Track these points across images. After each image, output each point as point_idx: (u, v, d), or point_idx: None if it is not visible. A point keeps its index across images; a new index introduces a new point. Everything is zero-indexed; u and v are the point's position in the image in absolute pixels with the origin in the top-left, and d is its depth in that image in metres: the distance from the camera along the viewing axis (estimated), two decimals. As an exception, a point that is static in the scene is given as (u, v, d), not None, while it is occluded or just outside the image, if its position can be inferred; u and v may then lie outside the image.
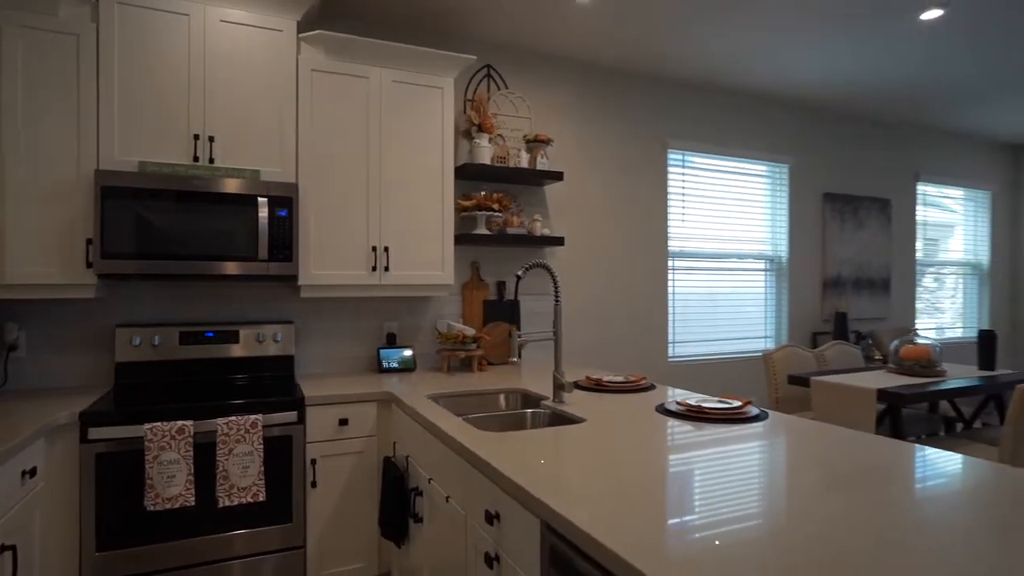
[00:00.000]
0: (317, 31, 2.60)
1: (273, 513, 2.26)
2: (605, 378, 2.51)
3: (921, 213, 5.29)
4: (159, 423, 2.06)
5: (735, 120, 4.27)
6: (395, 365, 2.96)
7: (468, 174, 3.09)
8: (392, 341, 3.04)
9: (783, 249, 4.53)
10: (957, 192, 5.57)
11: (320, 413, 2.35)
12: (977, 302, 5.73)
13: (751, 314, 4.42)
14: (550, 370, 2.98)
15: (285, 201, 2.48)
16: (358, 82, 2.70)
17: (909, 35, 3.27)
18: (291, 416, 2.28)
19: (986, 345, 3.34)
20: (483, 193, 3.13)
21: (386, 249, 2.74)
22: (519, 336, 2.13)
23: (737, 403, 2.00)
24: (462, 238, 3.05)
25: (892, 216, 5.06)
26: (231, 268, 2.39)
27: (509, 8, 2.94)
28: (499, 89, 3.37)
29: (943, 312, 5.50)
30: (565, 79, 3.59)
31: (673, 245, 4.03)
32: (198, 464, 2.14)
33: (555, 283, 2.18)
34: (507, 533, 1.33)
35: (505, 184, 3.37)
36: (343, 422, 2.38)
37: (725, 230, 4.28)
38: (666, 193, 3.97)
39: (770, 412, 1.97)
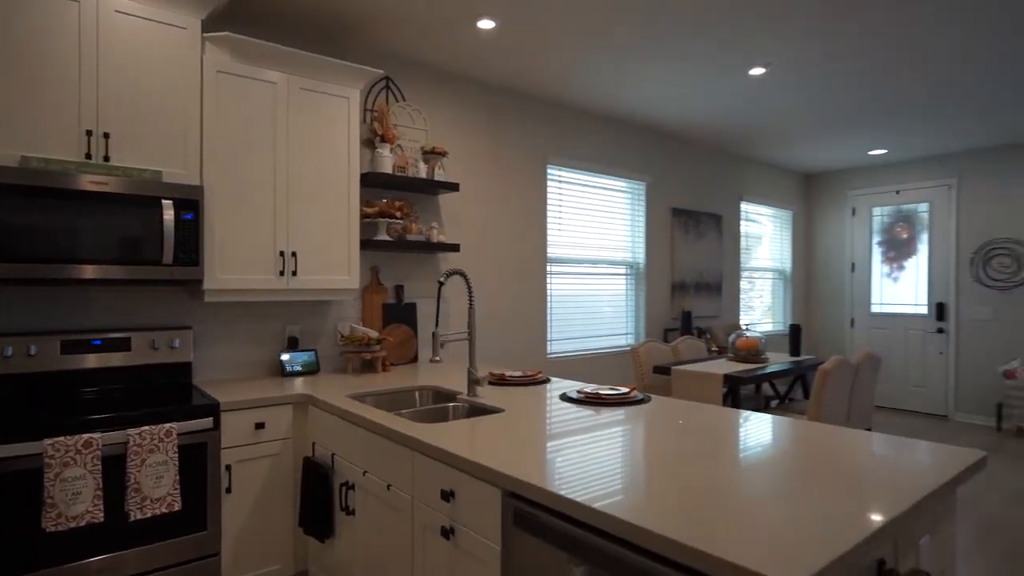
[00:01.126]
0: (224, 33, 2.57)
1: (187, 522, 2.22)
2: (507, 373, 2.79)
3: (743, 227, 6.30)
4: (62, 438, 1.95)
5: (605, 141, 4.81)
6: (299, 368, 2.98)
7: (370, 182, 3.20)
8: (294, 345, 3.06)
9: (640, 256, 5.17)
10: (769, 210, 6.71)
11: (236, 418, 2.35)
12: (782, 301, 6.95)
13: (616, 313, 5.00)
14: (452, 368, 3.20)
15: (191, 204, 2.43)
16: (265, 87, 2.71)
17: (741, 85, 3.99)
18: (206, 423, 2.26)
19: (795, 336, 4.18)
20: (385, 201, 3.26)
21: (294, 254, 2.77)
22: (441, 336, 2.33)
23: (625, 389, 2.39)
24: (363, 243, 3.15)
25: (723, 229, 5.98)
26: (129, 272, 2.29)
27: (414, 27, 3.11)
28: (397, 101, 3.51)
29: (754, 309, 6.60)
30: (460, 95, 3.82)
31: (551, 252, 4.45)
32: (106, 478, 2.05)
33: (469, 288, 2.41)
34: (464, 506, 1.55)
35: (403, 192, 3.52)
36: (259, 426, 2.40)
37: (594, 239, 4.80)
38: (545, 205, 4.37)
39: (652, 396, 2.39)
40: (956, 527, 1.49)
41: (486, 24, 3.07)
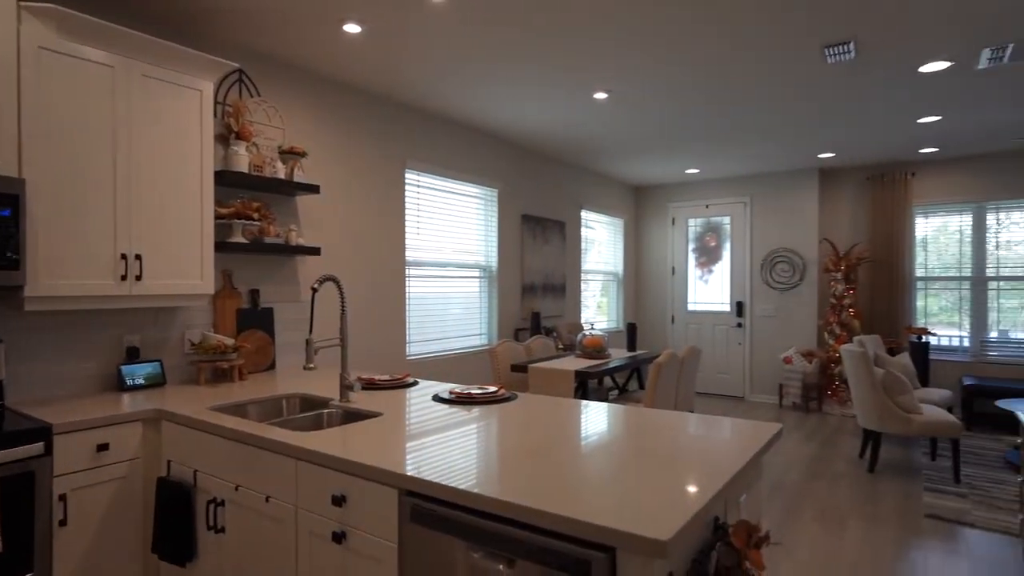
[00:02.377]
0: (47, 4, 2.27)
1: (8, 566, 1.95)
2: (377, 377, 2.82)
3: (583, 233, 6.88)
4: None
5: (462, 149, 4.97)
6: (141, 381, 2.72)
7: (225, 181, 3.02)
8: (135, 355, 2.78)
9: (493, 260, 5.43)
10: (605, 218, 7.39)
11: (72, 441, 2.10)
12: (615, 301, 7.69)
13: (470, 315, 5.19)
14: (313, 374, 3.13)
15: (9, 199, 2.12)
16: (101, 71, 2.44)
17: (587, 106, 4.40)
18: (33, 449, 2.00)
19: (631, 333, 4.70)
20: (241, 201, 3.09)
21: (138, 257, 2.53)
22: (314, 342, 2.31)
23: (494, 389, 2.57)
24: (217, 246, 2.96)
25: (566, 235, 6.48)
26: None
27: (273, 23, 2.99)
28: (251, 96, 3.33)
29: (588, 307, 7.24)
30: (320, 95, 3.72)
31: (410, 255, 4.50)
32: (-97, 521, 1.73)
33: (342, 294, 2.42)
34: (357, 509, 1.59)
35: (259, 193, 3.36)
36: (102, 447, 2.17)
37: (450, 243, 4.94)
38: (404, 208, 4.41)
39: (517, 394, 2.59)
40: (763, 485, 1.87)
41: (352, 28, 3.05)
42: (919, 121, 4.81)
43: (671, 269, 7.76)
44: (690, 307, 7.61)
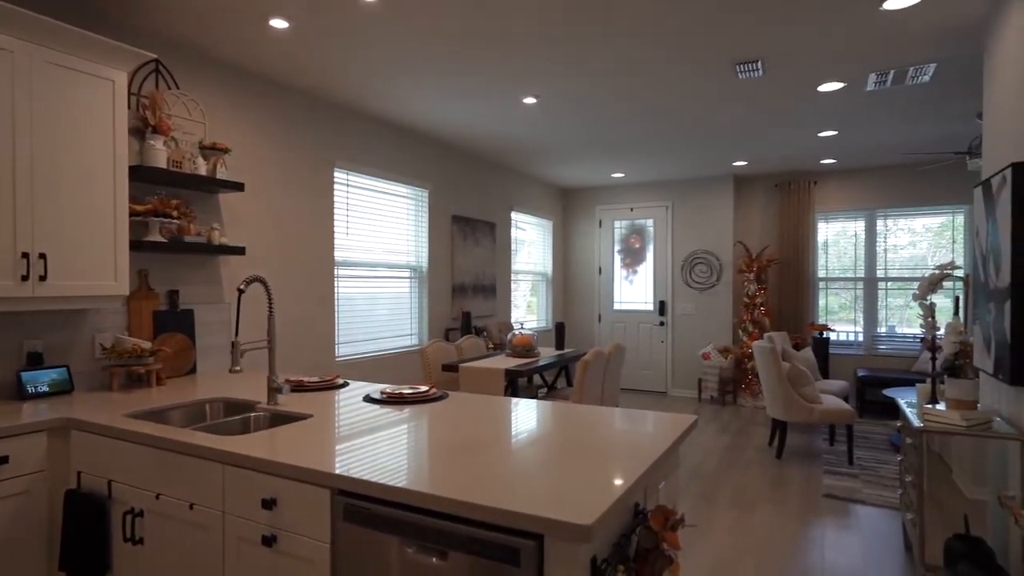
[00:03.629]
0: (-63, -17, 2.10)
1: None
2: (306, 379, 2.78)
3: (513, 233, 6.99)
4: None
5: (392, 148, 4.93)
6: (45, 389, 2.55)
7: (141, 177, 2.87)
8: (37, 361, 2.60)
9: (424, 260, 5.42)
10: (534, 220, 7.54)
11: (-32, 454, 1.95)
12: (544, 300, 7.86)
13: (401, 315, 5.16)
14: (237, 378, 3.04)
15: None
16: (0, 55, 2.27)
17: (517, 110, 4.49)
18: (-77, 463, 1.84)
19: (560, 332, 4.84)
20: (158, 198, 2.95)
21: (42, 256, 2.37)
22: (240, 344, 2.25)
23: (425, 388, 2.60)
24: (132, 245, 2.82)
25: (496, 236, 6.56)
26: None
27: (194, 13, 2.87)
28: (169, 88, 3.19)
29: (519, 307, 7.37)
30: (246, 90, 3.60)
31: (339, 255, 4.43)
32: None
33: (269, 295, 2.37)
34: (288, 512, 1.59)
35: (179, 189, 3.21)
36: (2, 460, 2.03)
37: (380, 243, 4.90)
38: (333, 208, 4.34)
39: (448, 393, 2.63)
40: (680, 474, 2.01)
41: (279, 23, 2.98)
42: (819, 135, 5.23)
43: (598, 269, 8.01)
44: (616, 306, 7.88)
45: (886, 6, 2.82)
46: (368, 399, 2.47)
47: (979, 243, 2.87)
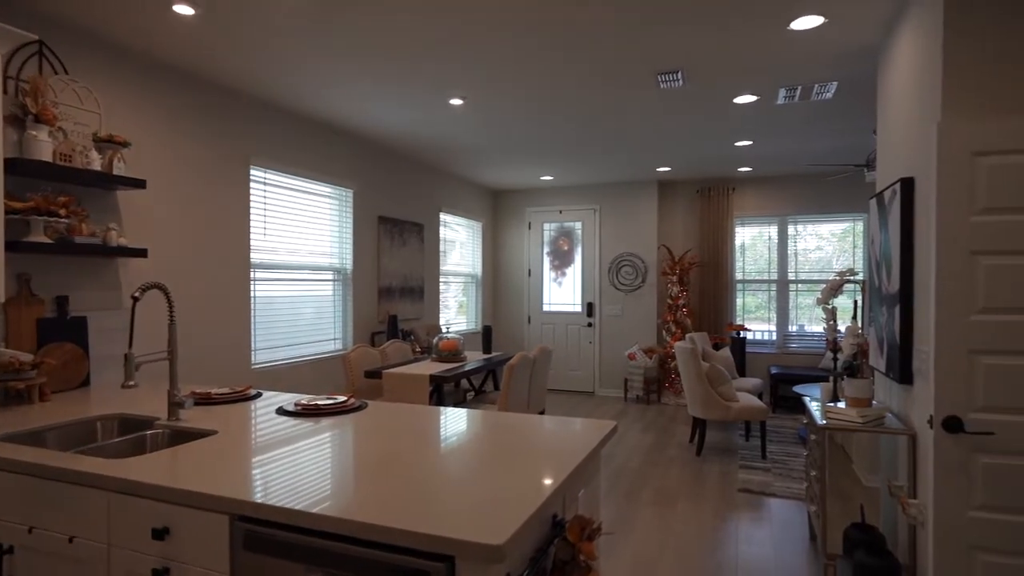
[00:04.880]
0: None
1: None
2: (214, 391, 2.61)
3: (442, 234, 6.90)
4: None
5: (314, 146, 4.74)
6: (-98, 409, 2.26)
7: (20, 170, 2.60)
8: None
9: (348, 262, 5.25)
10: (463, 221, 7.48)
11: None
12: (474, 302, 7.82)
13: (324, 319, 4.98)
14: (136, 392, 2.81)
15: None
16: None
17: (443, 111, 4.42)
18: None
19: (487, 335, 4.81)
20: (43, 194, 2.69)
21: None
22: (135, 356, 2.08)
23: (343, 398, 2.50)
24: (10, 245, 2.55)
25: (424, 237, 6.45)
26: None
27: (84, -7, 2.64)
28: (55, 73, 2.91)
29: (449, 308, 7.30)
30: (149, 79, 3.35)
31: (256, 257, 4.21)
32: None
33: (170, 303, 2.21)
34: (182, 542, 1.47)
35: (67, 185, 2.94)
36: None
37: (301, 244, 4.71)
38: (248, 207, 4.12)
39: (368, 402, 2.54)
40: (601, 478, 2.02)
41: (184, 9, 2.79)
42: (736, 144, 5.47)
43: (527, 271, 8.05)
44: (545, 308, 7.95)
45: (793, 26, 2.97)
46: (281, 411, 2.35)
47: (874, 251, 3.07)
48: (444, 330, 5.71)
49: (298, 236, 4.66)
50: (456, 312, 7.40)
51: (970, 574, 2.13)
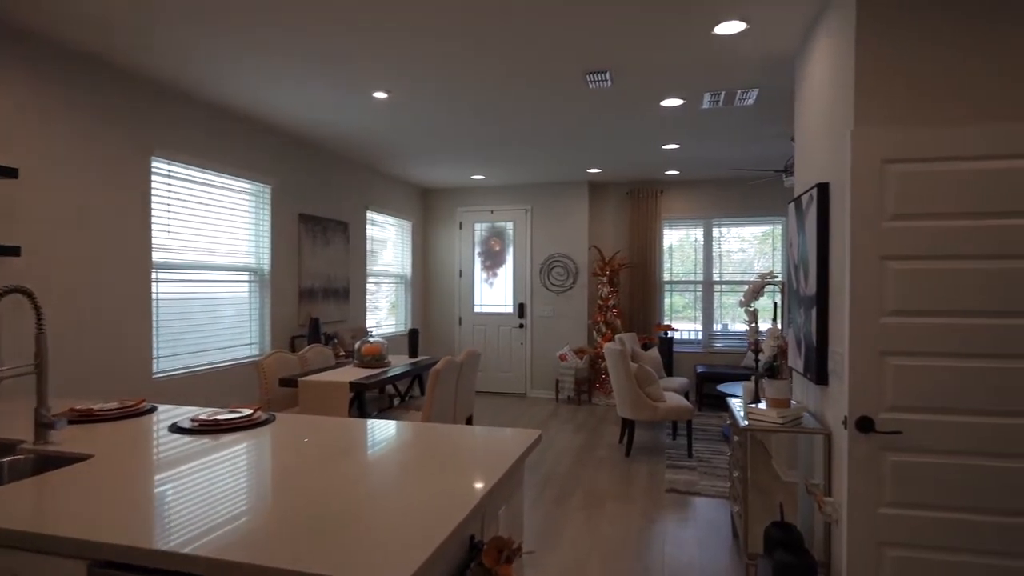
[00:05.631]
0: None
1: None
2: (97, 407, 2.33)
3: (369, 232, 6.66)
4: None
5: (228, 138, 4.41)
6: None
7: None
8: None
9: (265, 262, 4.95)
10: (392, 220, 7.25)
11: None
12: (404, 303, 7.60)
13: (238, 323, 4.66)
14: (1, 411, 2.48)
15: None
16: None
17: (367, 104, 4.22)
18: None
19: (413, 339, 4.65)
20: None
21: None
22: (-10, 375, 1.80)
23: (248, 411, 2.29)
24: None
25: (350, 236, 6.19)
26: None
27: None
28: (-94, 44, 2.53)
29: (380, 310, 7.07)
30: (26, 53, 2.97)
31: (158, 256, 3.87)
32: None
33: (37, 309, 1.93)
34: (31, 591, 1.25)
35: (-81, 172, 2.56)
36: None
37: (213, 243, 4.38)
38: (150, 202, 3.77)
39: (276, 415, 2.34)
40: (524, 491, 1.93)
41: (62, -21, 2.48)
42: (663, 147, 5.56)
43: (459, 272, 7.91)
44: (476, 309, 7.84)
45: (717, 30, 2.99)
46: (175, 429, 2.11)
47: (792, 254, 3.15)
48: (370, 333, 5.49)
49: (209, 234, 4.33)
50: (388, 313, 7.18)
51: (879, 569, 2.19)
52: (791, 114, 4.45)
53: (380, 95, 4.02)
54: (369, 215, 6.63)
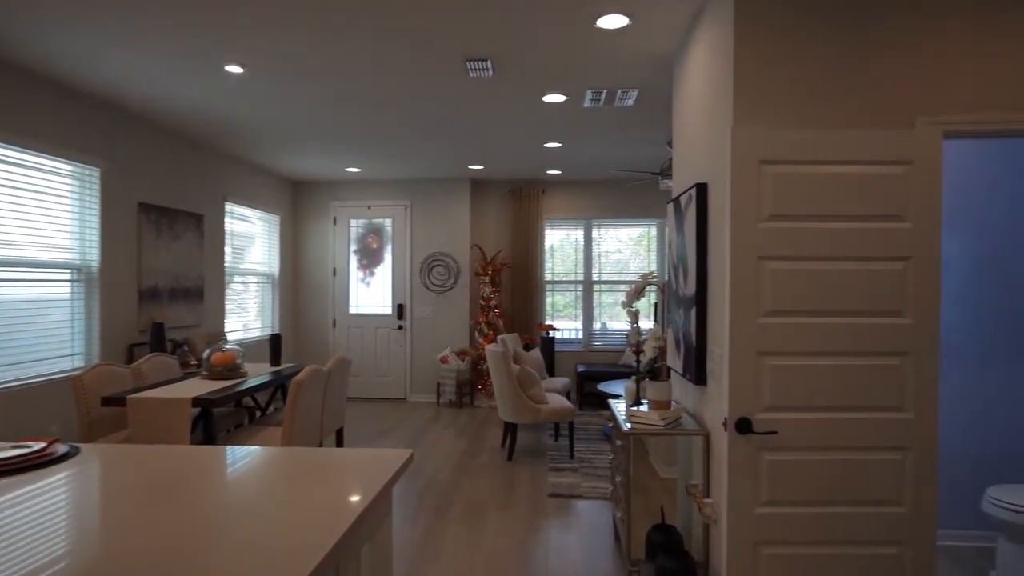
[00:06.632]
0: None
1: None
2: None
3: (229, 226, 5.98)
4: None
5: (42, 110, 3.66)
6: None
7: None
8: None
9: (93, 258, 4.21)
10: (257, 213, 6.59)
11: None
12: (271, 305, 6.95)
13: (54, 331, 3.90)
14: None
15: None
16: None
17: (220, 79, 3.70)
18: None
19: (275, 345, 4.17)
20: None
21: None
22: None
23: (40, 445, 1.81)
24: None
25: (205, 230, 5.51)
26: None
27: None
28: None
29: (248, 312, 6.41)
30: None
31: (-65, 249, 3.10)
32: None
33: None
34: None
35: None
36: None
37: (19, 234, 3.62)
38: (-78, 180, 3.01)
39: (82, 447, 1.88)
40: (391, 523, 1.68)
41: None
42: (545, 145, 5.50)
43: (332, 271, 7.39)
44: (352, 310, 7.37)
45: (600, 23, 2.91)
46: (-74, 474, 1.60)
47: (671, 254, 3.16)
48: (224, 338, 4.87)
49: (12, 223, 3.57)
50: (256, 316, 6.52)
51: (756, 568, 2.19)
52: (669, 118, 4.56)
53: (234, 69, 3.53)
54: (229, 207, 5.96)
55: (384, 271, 7.35)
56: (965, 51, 2.16)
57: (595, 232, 7.46)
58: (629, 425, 2.67)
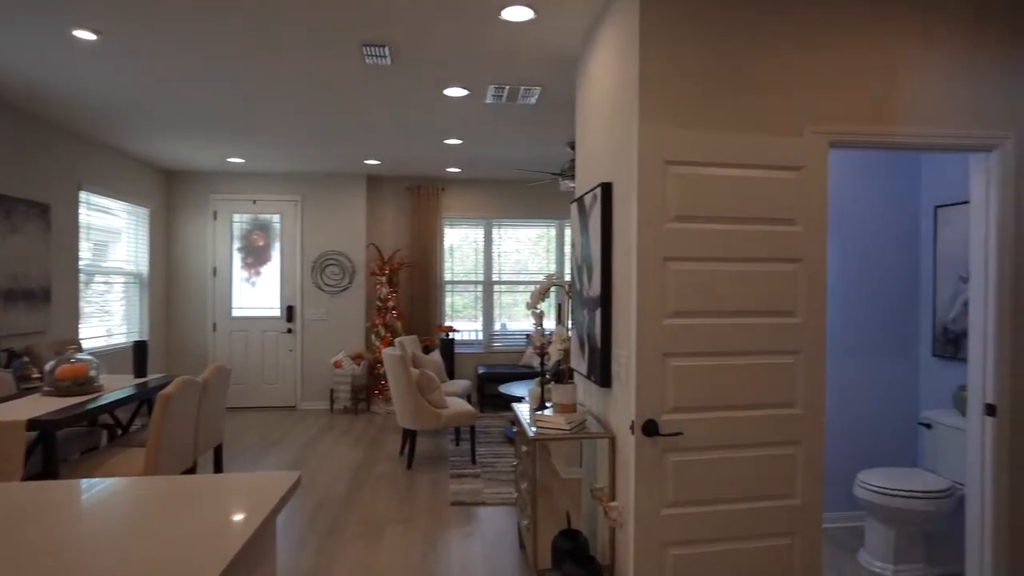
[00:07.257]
0: None
1: None
2: None
3: (85, 219, 5.25)
4: None
5: None
6: None
7: None
8: None
9: (-100, 253, 3.49)
10: (121, 205, 5.86)
11: None
12: (139, 308, 6.21)
13: None
14: None
15: None
16: None
17: (67, 47, 3.19)
18: None
19: (139, 354, 3.68)
20: None
21: None
22: None
23: None
24: None
25: (53, 222, 4.79)
26: None
27: None
28: None
29: (112, 315, 5.67)
30: None
31: None
32: None
33: None
34: None
35: None
36: None
37: None
38: None
39: None
40: (276, 552, 1.46)
41: None
42: (445, 142, 5.34)
43: (212, 270, 6.75)
44: (235, 313, 6.78)
45: (504, 15, 2.81)
46: None
47: (575, 255, 3.13)
48: (73, 347, 4.21)
49: None
50: (122, 321, 5.78)
51: (663, 570, 2.18)
52: (571, 119, 4.56)
53: (85, 35, 3.05)
54: (85, 196, 5.23)
55: (272, 270, 6.82)
56: (854, 64, 2.28)
57: (495, 232, 7.40)
58: (535, 430, 2.59)
